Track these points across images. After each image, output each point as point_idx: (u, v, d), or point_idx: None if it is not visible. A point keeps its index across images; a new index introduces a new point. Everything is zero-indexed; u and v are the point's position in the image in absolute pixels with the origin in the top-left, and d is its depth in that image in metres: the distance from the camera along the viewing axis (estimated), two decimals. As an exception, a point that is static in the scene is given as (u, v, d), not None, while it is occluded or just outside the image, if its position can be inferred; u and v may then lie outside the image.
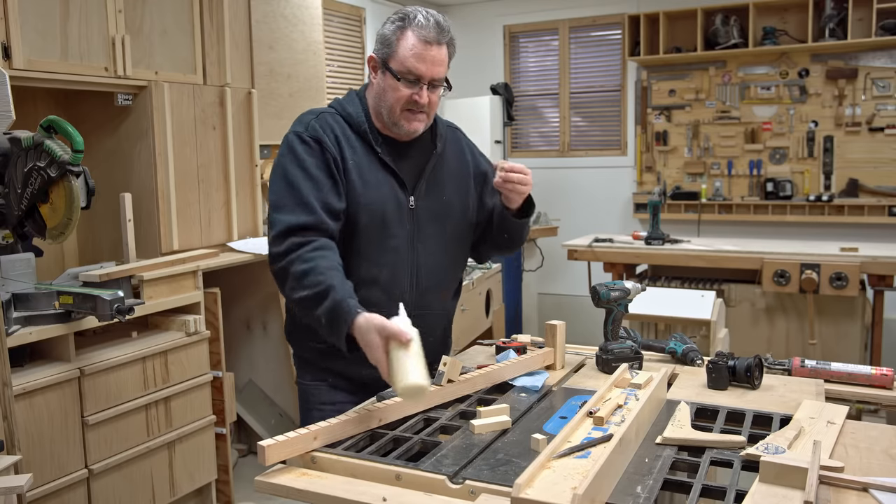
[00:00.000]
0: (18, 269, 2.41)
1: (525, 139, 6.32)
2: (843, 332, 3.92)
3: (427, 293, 1.81)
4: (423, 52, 1.69)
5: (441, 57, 1.72)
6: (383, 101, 1.73)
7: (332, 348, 1.73)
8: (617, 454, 1.21)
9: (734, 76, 5.36)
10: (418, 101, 1.71)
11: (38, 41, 2.52)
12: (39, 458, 2.30)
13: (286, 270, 1.62)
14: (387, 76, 1.71)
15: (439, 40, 1.71)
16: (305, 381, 1.86)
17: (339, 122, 1.76)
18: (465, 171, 1.90)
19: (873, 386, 1.71)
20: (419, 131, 1.77)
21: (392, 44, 1.70)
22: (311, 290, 1.57)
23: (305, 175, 1.67)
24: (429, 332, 1.80)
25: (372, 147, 1.76)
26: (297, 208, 1.64)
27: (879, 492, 1.17)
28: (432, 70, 1.70)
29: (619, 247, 4.38)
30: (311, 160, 1.69)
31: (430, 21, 1.71)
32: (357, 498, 1.21)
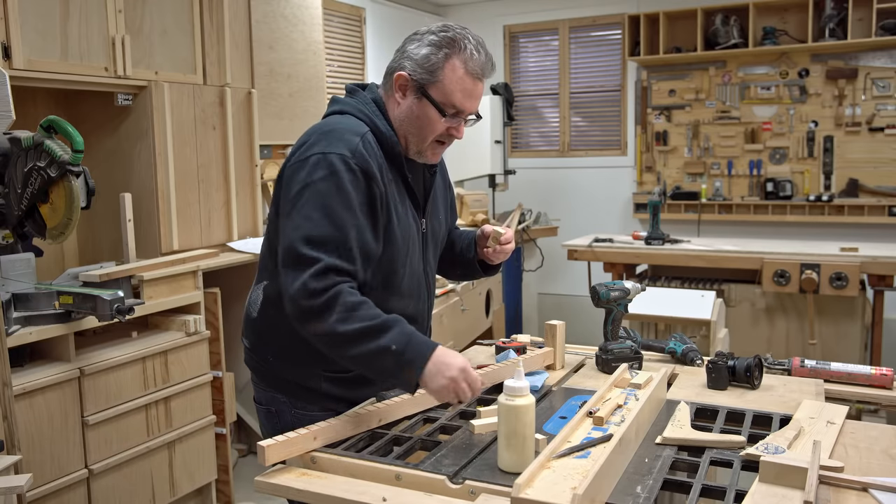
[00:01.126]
0: (18, 269, 2.41)
1: (525, 139, 6.32)
2: (843, 332, 3.92)
3: (428, 312, 1.81)
4: (472, 87, 1.56)
5: (482, 90, 1.61)
6: (414, 128, 1.59)
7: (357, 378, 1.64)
8: (617, 454, 1.21)
9: (734, 76, 5.36)
10: (454, 136, 1.61)
11: (38, 41, 2.52)
12: (39, 458, 2.30)
13: (332, 301, 1.42)
14: (423, 104, 1.56)
15: (487, 76, 1.59)
16: (311, 412, 1.64)
17: (376, 144, 1.57)
18: (446, 184, 1.86)
19: (873, 386, 1.71)
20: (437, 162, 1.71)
21: (436, 71, 1.54)
22: (367, 322, 1.42)
23: (351, 214, 1.48)
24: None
25: (403, 172, 1.62)
26: (340, 252, 1.46)
27: (879, 492, 1.17)
28: (475, 105, 1.59)
29: (619, 247, 4.38)
30: (358, 197, 1.50)
31: (482, 54, 1.56)
32: (357, 498, 1.22)
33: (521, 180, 5.93)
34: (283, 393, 1.68)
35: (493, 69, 1.61)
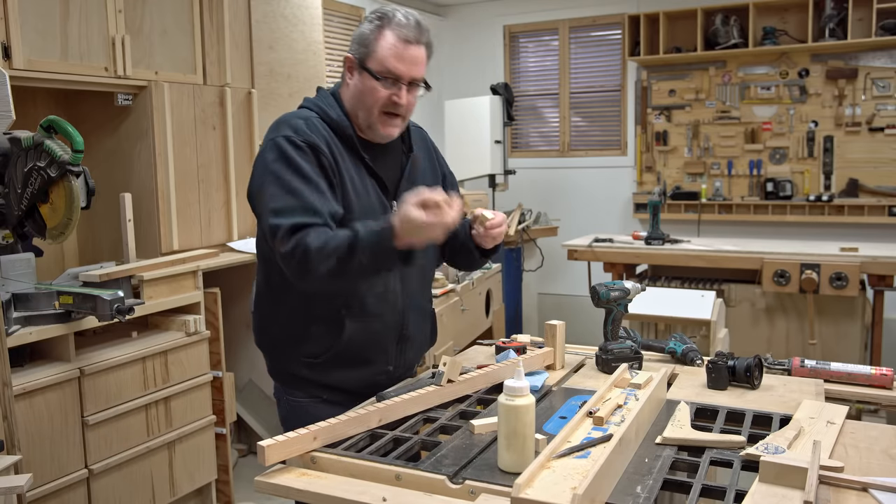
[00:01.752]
0: (18, 269, 2.41)
1: (525, 139, 6.32)
2: (843, 332, 3.92)
3: (413, 295, 1.81)
4: (403, 51, 1.65)
5: (420, 56, 1.68)
6: (361, 102, 1.69)
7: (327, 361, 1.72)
8: (617, 454, 1.21)
9: (734, 76, 5.36)
10: (398, 102, 1.67)
11: (38, 41, 2.52)
12: (39, 458, 2.30)
13: (305, 254, 1.53)
14: (364, 76, 1.67)
15: (419, 39, 1.67)
16: (298, 399, 1.77)
17: (325, 127, 1.70)
18: (434, 172, 1.89)
19: (873, 386, 1.71)
20: (394, 136, 1.73)
21: (370, 43, 1.66)
22: (336, 250, 1.51)
23: (305, 181, 1.60)
24: (419, 332, 1.85)
25: (358, 152, 1.71)
26: (303, 213, 1.57)
27: (879, 492, 1.17)
28: (412, 70, 1.67)
29: (619, 247, 4.38)
30: (309, 166, 1.62)
31: (411, 20, 1.67)
32: (357, 498, 1.22)
33: (521, 180, 5.93)
34: (279, 381, 1.82)
35: (425, 33, 1.68)
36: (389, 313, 1.75)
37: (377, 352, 1.76)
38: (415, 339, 1.83)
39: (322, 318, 1.71)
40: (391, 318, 1.75)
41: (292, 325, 1.74)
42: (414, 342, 1.83)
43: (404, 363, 1.83)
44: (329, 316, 1.70)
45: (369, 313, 1.71)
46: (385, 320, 1.74)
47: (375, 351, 1.76)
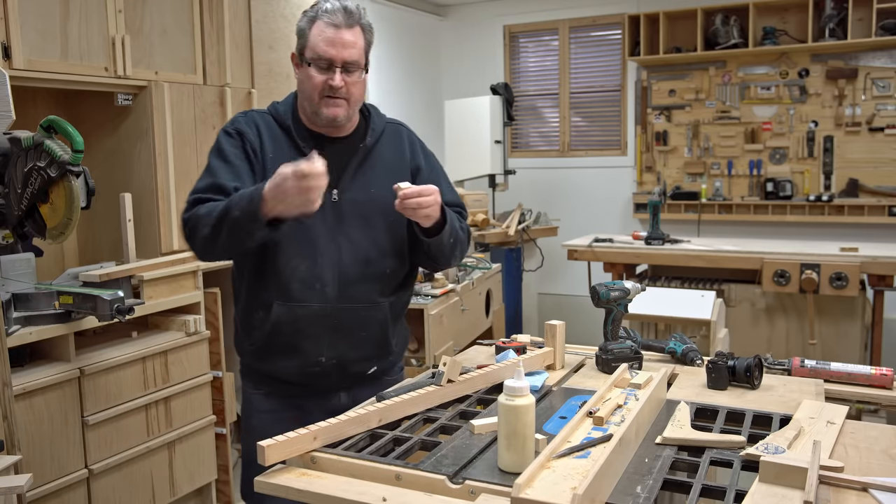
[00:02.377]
0: (18, 269, 2.41)
1: (525, 139, 6.32)
2: (843, 332, 3.92)
3: (352, 286, 1.78)
4: (333, 36, 1.72)
5: (352, 40, 1.74)
6: (304, 92, 1.78)
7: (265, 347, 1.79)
8: (617, 454, 1.21)
9: (734, 76, 5.36)
10: (333, 86, 1.72)
11: (38, 41, 2.52)
12: (39, 458, 2.30)
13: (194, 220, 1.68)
14: (303, 67, 1.76)
15: (348, 23, 1.73)
16: (247, 389, 1.90)
17: (267, 120, 1.82)
18: (401, 166, 1.88)
19: (873, 386, 1.71)
20: (340, 117, 1.77)
21: (305, 35, 1.75)
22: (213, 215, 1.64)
23: (223, 162, 1.75)
24: (359, 327, 1.81)
25: (297, 144, 1.79)
26: (211, 190, 1.71)
27: (879, 492, 1.17)
28: (343, 53, 1.72)
29: (619, 247, 4.38)
30: (231, 150, 1.76)
31: (337, 6, 1.74)
32: (357, 498, 1.21)
33: (521, 180, 5.93)
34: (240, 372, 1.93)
35: (355, 16, 1.74)
36: (317, 302, 1.75)
37: (306, 340, 1.77)
38: (352, 333, 1.80)
39: (260, 305, 1.79)
40: (319, 307, 1.76)
41: (243, 314, 1.85)
42: (351, 336, 1.80)
43: (339, 356, 1.80)
44: (264, 302, 1.78)
45: (294, 299, 1.75)
46: (312, 309, 1.76)
47: (304, 339, 1.77)
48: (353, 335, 1.81)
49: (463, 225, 1.90)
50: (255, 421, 1.85)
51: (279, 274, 1.75)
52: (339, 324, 1.78)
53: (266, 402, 1.85)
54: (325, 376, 1.80)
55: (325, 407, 1.80)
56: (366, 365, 1.85)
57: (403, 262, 1.88)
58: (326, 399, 1.83)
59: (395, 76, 5.74)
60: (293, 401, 1.83)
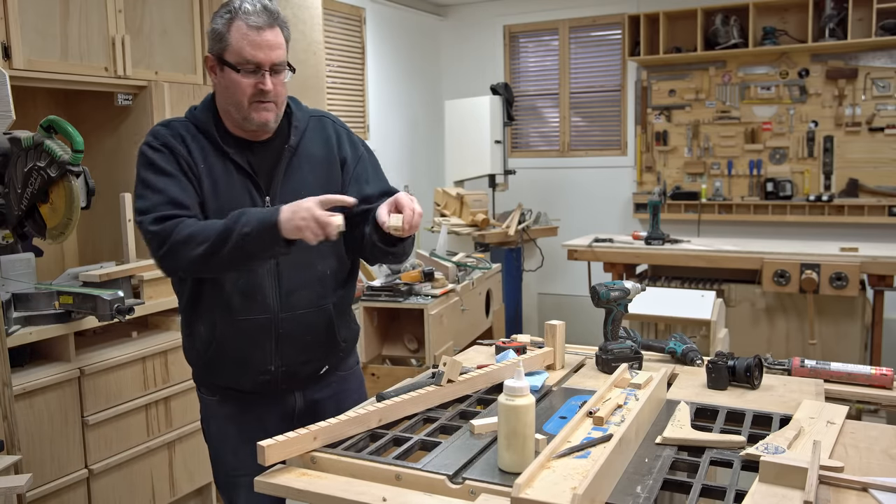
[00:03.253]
0: (18, 269, 2.41)
1: (525, 139, 6.32)
2: (843, 332, 3.92)
3: (294, 294, 1.73)
4: (257, 38, 1.64)
5: (276, 40, 1.67)
6: (229, 97, 1.68)
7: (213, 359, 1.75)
8: (617, 454, 1.21)
9: (734, 76, 5.36)
10: (264, 90, 1.65)
11: (38, 41, 2.52)
12: (39, 458, 2.30)
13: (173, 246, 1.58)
14: (226, 71, 1.66)
15: (271, 23, 1.66)
16: (202, 394, 1.85)
17: (189, 128, 1.73)
18: (330, 159, 1.81)
19: (873, 386, 1.71)
20: (270, 122, 1.70)
21: (224, 37, 1.65)
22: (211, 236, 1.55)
23: (165, 177, 1.65)
24: (306, 331, 1.76)
25: (222, 150, 1.71)
26: (169, 206, 1.62)
27: (879, 492, 1.17)
28: (270, 55, 1.65)
29: (619, 247, 4.38)
30: (168, 165, 1.67)
31: (257, 6, 1.66)
32: (357, 498, 1.21)
33: (521, 180, 5.93)
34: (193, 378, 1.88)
35: (275, 15, 1.68)
36: (259, 312, 1.71)
37: (252, 352, 1.73)
38: (299, 339, 1.76)
39: (202, 319, 1.74)
40: (262, 318, 1.71)
41: (186, 326, 1.80)
42: (298, 342, 1.75)
43: (288, 363, 1.75)
44: (206, 316, 1.73)
45: (236, 312, 1.70)
46: (255, 321, 1.71)
47: (250, 351, 1.73)
48: (300, 341, 1.76)
49: None
50: (214, 427, 1.82)
51: (220, 290, 1.69)
52: (284, 332, 1.73)
53: (221, 408, 1.81)
54: (276, 383, 1.77)
55: (281, 409, 1.79)
56: (316, 366, 1.82)
57: (343, 261, 1.83)
58: (281, 402, 1.80)
59: (395, 76, 5.74)
60: (248, 405, 1.79)
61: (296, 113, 1.80)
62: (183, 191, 1.65)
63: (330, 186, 1.75)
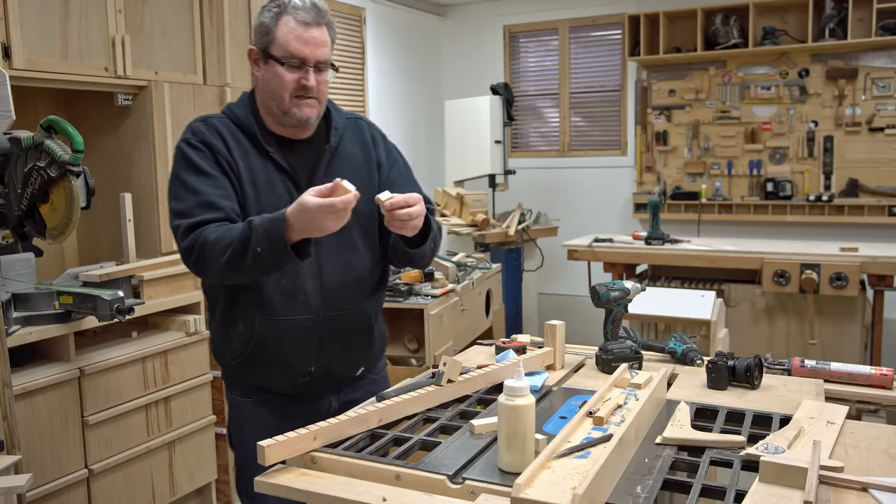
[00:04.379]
0: (18, 269, 2.40)
1: (525, 139, 6.32)
2: (843, 332, 3.92)
3: (335, 293, 1.74)
4: (304, 34, 1.65)
5: (323, 38, 1.68)
6: (270, 91, 1.68)
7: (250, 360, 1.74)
8: (617, 454, 1.21)
9: (734, 76, 5.36)
10: (307, 86, 1.66)
11: (38, 41, 2.52)
12: (39, 458, 2.30)
13: (202, 249, 1.57)
14: (270, 65, 1.67)
15: (318, 21, 1.67)
16: (235, 396, 1.83)
17: (228, 125, 1.72)
18: (368, 161, 1.81)
19: (873, 386, 1.71)
20: (312, 118, 1.71)
21: (271, 31, 1.65)
22: (232, 242, 1.54)
23: (204, 177, 1.64)
24: (347, 333, 1.78)
25: (263, 148, 1.71)
26: (203, 209, 1.61)
27: (879, 492, 1.17)
28: (316, 52, 1.66)
29: (619, 247, 4.38)
30: (207, 164, 1.66)
31: (307, 2, 1.67)
32: (357, 498, 1.21)
33: (521, 180, 5.93)
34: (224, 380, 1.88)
35: (324, 14, 1.69)
36: (301, 314, 1.71)
37: (293, 352, 1.73)
38: (339, 340, 1.77)
39: (241, 318, 1.73)
40: (304, 319, 1.71)
41: (222, 325, 1.78)
42: (338, 343, 1.76)
43: (328, 364, 1.76)
44: (246, 316, 1.72)
45: (277, 313, 1.70)
46: (297, 321, 1.71)
47: (291, 351, 1.73)
48: (341, 343, 1.77)
49: (435, 221, 1.82)
50: (248, 430, 1.79)
51: (260, 289, 1.68)
52: (325, 333, 1.74)
53: (256, 410, 1.80)
54: (314, 385, 1.77)
55: (316, 411, 1.78)
56: (353, 368, 1.83)
57: (378, 262, 1.84)
58: (317, 404, 1.79)
59: (395, 76, 5.74)
60: (283, 409, 1.78)
61: (334, 115, 1.81)
62: (221, 191, 1.64)
63: (368, 188, 1.75)
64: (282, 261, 1.54)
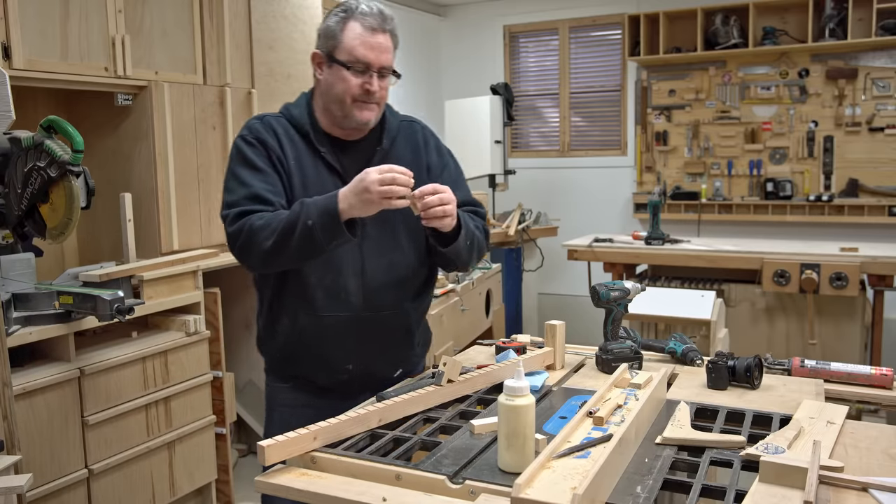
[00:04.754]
0: (18, 269, 2.40)
1: (525, 139, 6.32)
2: (843, 332, 3.92)
3: (377, 294, 1.76)
4: (370, 39, 1.68)
5: (388, 44, 1.72)
6: (332, 94, 1.72)
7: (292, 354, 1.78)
8: (617, 454, 1.21)
9: (734, 76, 5.36)
10: (370, 90, 1.69)
11: (38, 41, 2.52)
12: (39, 458, 2.30)
13: (247, 236, 1.63)
14: (334, 68, 1.71)
15: (384, 28, 1.71)
16: (272, 382, 1.89)
17: (283, 124, 1.78)
18: (418, 164, 1.83)
19: (873, 386, 1.71)
20: (371, 122, 1.75)
21: (337, 35, 1.70)
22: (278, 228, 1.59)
23: (255, 171, 1.70)
24: (387, 333, 1.80)
25: (315, 148, 1.75)
26: (252, 201, 1.67)
27: (879, 492, 1.17)
28: (380, 57, 1.70)
29: (619, 247, 4.38)
30: (259, 160, 1.72)
31: (374, 9, 1.71)
32: (357, 498, 1.21)
33: (521, 180, 5.93)
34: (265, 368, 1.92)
35: (390, 21, 1.72)
36: (342, 309, 1.74)
37: (333, 349, 1.76)
38: (379, 341, 1.79)
39: (285, 313, 1.77)
40: (345, 316, 1.74)
41: (268, 320, 1.82)
42: (377, 343, 1.79)
43: (366, 364, 1.79)
44: (289, 311, 1.77)
45: (320, 309, 1.74)
46: (338, 318, 1.74)
47: (331, 348, 1.76)
48: (380, 342, 1.80)
49: (479, 224, 1.84)
50: (277, 414, 1.85)
51: (304, 285, 1.73)
52: (365, 332, 1.77)
53: (290, 395, 1.84)
54: (352, 382, 1.80)
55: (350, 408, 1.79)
56: (392, 369, 1.85)
57: (424, 264, 1.86)
58: (353, 401, 1.78)
59: (395, 76, 5.74)
60: (318, 399, 1.81)
61: (388, 116, 1.83)
62: (270, 186, 1.69)
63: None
64: (330, 235, 1.57)
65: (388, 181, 1.53)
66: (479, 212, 1.88)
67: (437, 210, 1.59)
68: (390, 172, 1.54)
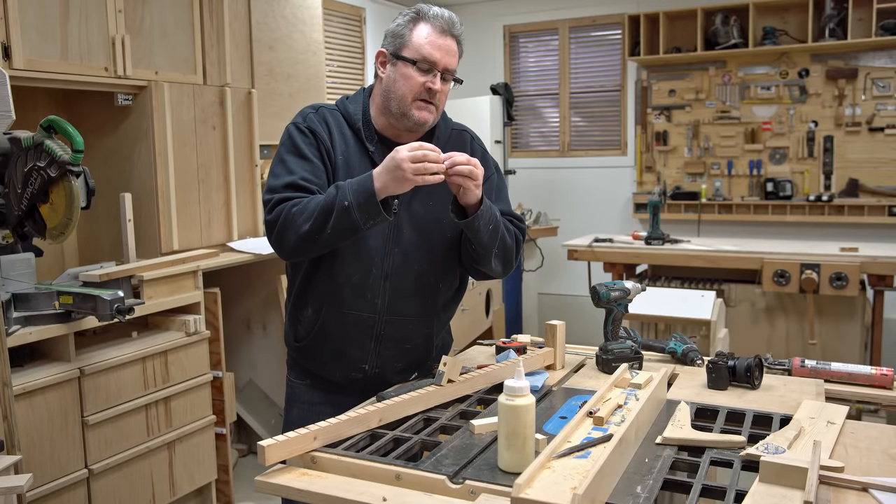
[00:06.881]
0: (18, 269, 2.40)
1: (525, 139, 6.32)
2: (843, 332, 3.92)
3: (402, 300, 1.77)
4: (438, 40, 1.70)
5: (454, 48, 1.74)
6: (394, 91, 1.72)
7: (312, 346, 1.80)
8: (617, 454, 1.21)
9: (734, 76, 5.35)
10: (432, 89, 1.71)
11: (38, 41, 2.52)
12: (39, 458, 2.30)
13: (284, 222, 1.63)
14: (399, 65, 1.71)
15: (453, 32, 1.73)
16: (291, 379, 1.92)
17: (337, 118, 1.79)
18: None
19: (873, 386, 1.71)
20: (428, 123, 1.76)
21: (405, 35, 1.71)
22: (315, 210, 1.60)
23: (302, 160, 1.71)
24: (405, 339, 1.81)
25: (364, 145, 1.76)
26: (294, 188, 1.68)
27: (879, 492, 1.17)
28: (446, 59, 1.72)
29: (619, 247, 4.38)
30: (308, 149, 1.73)
31: (445, 13, 1.74)
32: (357, 498, 1.21)
33: (521, 180, 5.93)
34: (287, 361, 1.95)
35: (458, 27, 1.75)
36: (365, 309, 1.75)
37: (351, 346, 1.78)
38: (397, 345, 1.80)
39: (311, 304, 1.79)
40: (367, 316, 1.76)
41: (294, 308, 1.85)
42: (395, 347, 1.80)
43: (382, 365, 1.80)
44: (316, 302, 1.78)
45: (344, 305, 1.75)
46: (361, 317, 1.76)
47: (350, 344, 1.78)
48: (399, 347, 1.81)
49: (511, 228, 1.81)
50: (296, 412, 1.87)
51: (333, 280, 1.74)
52: (385, 335, 1.78)
53: (308, 394, 1.87)
54: (365, 382, 1.81)
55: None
56: (407, 374, 1.85)
57: (454, 277, 1.86)
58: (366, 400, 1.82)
59: (395, 76, 5.73)
60: (334, 397, 1.83)
61: (440, 124, 1.85)
62: (315, 177, 1.70)
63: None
64: (367, 215, 1.57)
65: (419, 158, 1.54)
66: (520, 226, 1.85)
67: (464, 168, 1.58)
68: (421, 150, 1.55)
